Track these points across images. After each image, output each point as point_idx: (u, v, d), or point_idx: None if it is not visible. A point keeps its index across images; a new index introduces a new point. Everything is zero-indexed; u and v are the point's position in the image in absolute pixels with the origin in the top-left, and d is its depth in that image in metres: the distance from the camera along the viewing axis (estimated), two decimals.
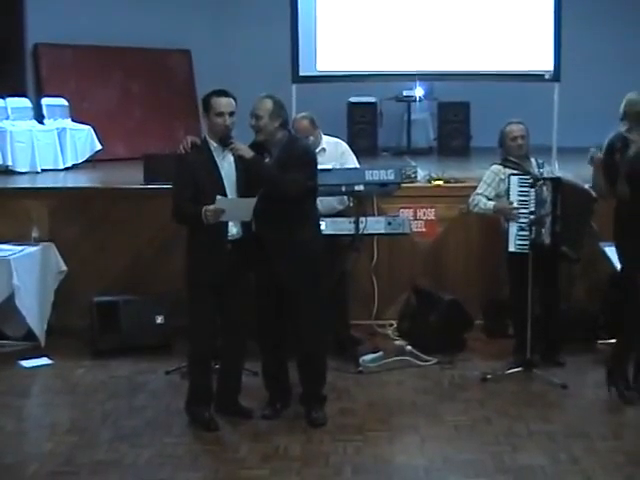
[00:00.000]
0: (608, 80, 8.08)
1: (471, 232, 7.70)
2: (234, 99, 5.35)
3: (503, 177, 6.40)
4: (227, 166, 5.33)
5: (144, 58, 13.06)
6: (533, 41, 10.35)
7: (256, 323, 5.56)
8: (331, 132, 6.98)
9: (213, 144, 5.34)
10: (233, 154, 5.31)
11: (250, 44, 13.06)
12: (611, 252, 6.28)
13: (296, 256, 5.35)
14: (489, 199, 6.44)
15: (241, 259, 5.34)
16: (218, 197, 5.15)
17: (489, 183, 6.50)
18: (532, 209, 6.18)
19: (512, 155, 6.46)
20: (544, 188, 6.19)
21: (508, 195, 6.26)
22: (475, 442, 5.20)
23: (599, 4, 13.00)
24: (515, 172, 6.33)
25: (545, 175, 6.38)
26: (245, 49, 13.13)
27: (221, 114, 5.29)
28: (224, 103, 5.31)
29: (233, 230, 5.32)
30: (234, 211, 5.22)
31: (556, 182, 6.19)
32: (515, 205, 6.19)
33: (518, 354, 6.40)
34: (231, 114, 5.31)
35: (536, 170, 6.43)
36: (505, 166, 6.47)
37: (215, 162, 5.31)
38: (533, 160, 6.54)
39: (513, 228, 6.21)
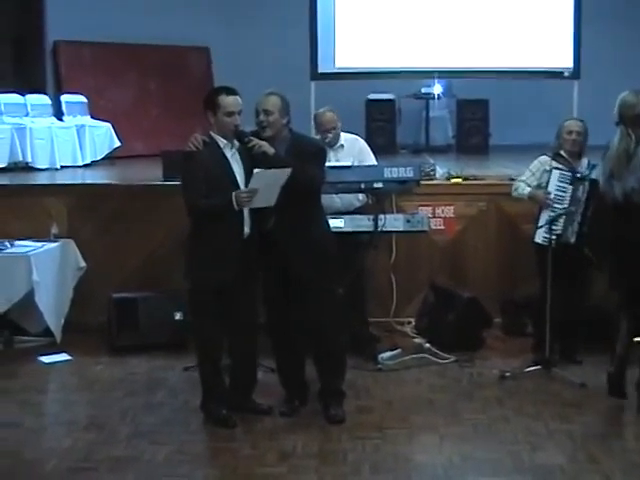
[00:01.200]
0: (628, 77, 8.03)
1: (490, 230, 7.67)
2: (239, 96, 5.28)
3: (548, 168, 6.39)
4: (235, 163, 5.28)
5: (162, 55, 13.09)
6: (553, 38, 10.34)
7: (267, 320, 5.54)
8: (349, 129, 6.96)
9: (222, 141, 5.27)
10: (252, 151, 5.23)
11: (268, 41, 13.06)
12: None
13: (310, 249, 5.33)
14: (530, 187, 6.44)
15: (251, 256, 5.32)
16: (256, 170, 5.09)
17: (533, 172, 6.53)
18: (565, 205, 6.18)
19: (564, 149, 6.43)
20: (581, 188, 6.18)
21: (547, 186, 6.27)
22: (493, 441, 5.17)
23: (619, 3, 12.91)
24: (559, 167, 6.32)
25: (593, 177, 6.29)
26: (263, 46, 13.12)
27: (231, 113, 5.21)
28: (233, 102, 5.23)
29: (245, 229, 5.30)
30: (266, 191, 5.11)
31: (594, 184, 6.13)
32: (551, 196, 6.20)
33: (537, 352, 6.38)
34: (239, 112, 5.24)
35: (584, 170, 6.38)
36: (553, 159, 6.45)
37: (227, 158, 5.27)
38: (585, 160, 6.48)
39: (543, 218, 6.22)
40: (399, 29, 10.21)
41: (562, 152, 6.45)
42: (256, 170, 5.11)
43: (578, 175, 6.27)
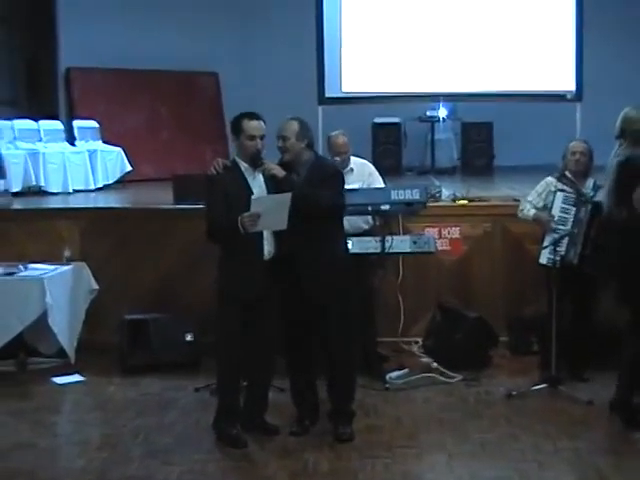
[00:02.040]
0: (629, 99, 8.05)
1: (496, 250, 7.67)
2: (264, 121, 5.35)
3: (554, 189, 6.40)
4: (258, 187, 5.33)
5: (173, 81, 13.17)
6: (555, 62, 10.36)
7: (285, 340, 5.55)
8: (356, 152, 6.99)
9: (243, 165, 5.33)
10: (264, 174, 5.31)
11: (277, 67, 13.11)
12: None
13: (326, 272, 5.34)
14: (536, 208, 6.45)
15: (273, 277, 5.34)
16: (253, 197, 5.14)
17: (539, 192, 6.55)
18: (568, 227, 6.19)
19: (569, 169, 6.44)
20: (583, 209, 6.19)
21: (551, 208, 6.27)
22: (502, 459, 5.14)
23: (620, 26, 12.95)
24: (564, 188, 6.32)
25: (597, 198, 6.28)
26: (272, 72, 13.16)
27: (253, 137, 5.28)
28: (256, 126, 5.30)
29: (266, 249, 5.31)
30: (270, 215, 5.13)
31: (596, 206, 6.13)
32: (554, 220, 6.20)
33: (544, 370, 6.36)
34: (262, 137, 5.31)
35: (590, 191, 6.38)
36: (558, 180, 6.46)
37: (247, 182, 5.31)
38: (591, 180, 6.48)
39: (547, 240, 6.22)
40: (404, 54, 10.25)
41: (567, 173, 6.46)
42: (253, 196, 5.16)
43: (582, 197, 6.27)
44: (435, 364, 6.82)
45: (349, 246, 5.96)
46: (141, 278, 7.66)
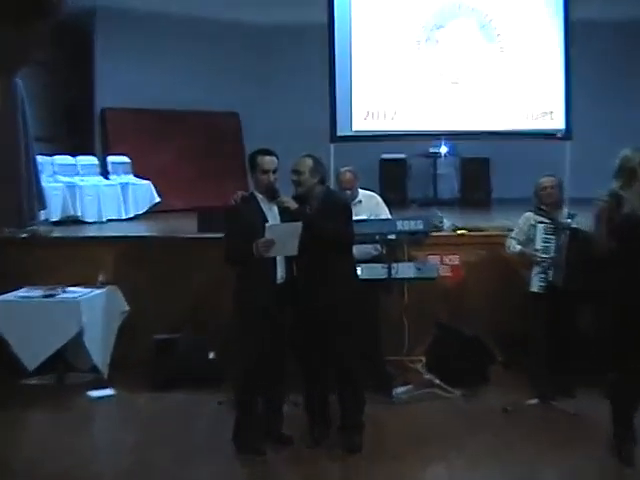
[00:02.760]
0: (613, 136, 8.10)
1: (491, 275, 7.65)
2: (276, 157, 5.45)
3: (533, 223, 6.43)
4: (272, 217, 5.42)
5: (198, 120, 13.23)
6: (546, 102, 10.40)
7: (298, 357, 5.57)
8: (365, 185, 7.05)
9: (260, 197, 5.44)
10: (279, 205, 5.40)
11: (292, 107, 13.16)
12: None
13: (336, 295, 5.40)
14: (520, 242, 6.47)
15: (285, 300, 5.38)
16: (267, 225, 5.22)
17: (521, 227, 6.59)
18: (552, 255, 6.20)
19: (543, 203, 6.48)
20: (562, 236, 6.21)
21: (534, 239, 6.29)
22: (499, 470, 5.14)
23: (605, 72, 13.04)
24: (543, 220, 6.35)
25: (573, 225, 6.31)
26: (288, 111, 13.22)
27: (266, 171, 5.40)
28: (268, 161, 5.42)
29: (279, 274, 5.37)
30: (282, 241, 5.22)
31: (573, 231, 6.16)
32: (539, 250, 6.23)
33: (534, 387, 6.36)
34: (274, 171, 5.42)
35: (565, 219, 6.41)
36: (536, 213, 6.50)
37: (263, 213, 5.40)
38: (565, 210, 6.53)
39: (535, 270, 6.24)
40: (409, 96, 10.32)
41: (542, 206, 6.50)
42: (268, 223, 5.22)
43: (560, 226, 6.29)
44: (437, 380, 6.82)
45: (358, 272, 5.99)
46: (168, 301, 7.67)
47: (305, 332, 5.49)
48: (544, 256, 6.23)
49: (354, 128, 10.24)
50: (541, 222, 6.35)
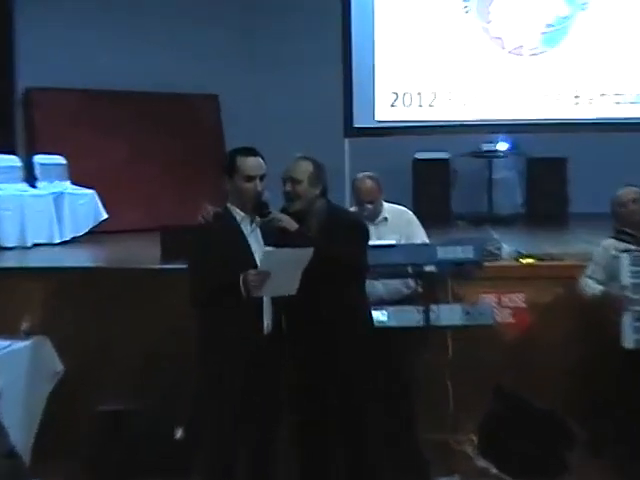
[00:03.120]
0: None
1: (570, 323, 7.64)
2: (262, 158, 5.39)
3: (615, 253, 6.42)
4: (255, 241, 5.36)
5: (162, 105, 13.35)
6: None
7: (292, 445, 5.56)
8: (392, 198, 7.04)
9: (239, 213, 5.37)
10: (268, 225, 5.33)
11: (291, 88, 13.25)
12: None
13: (344, 352, 5.38)
14: (600, 281, 6.45)
15: (271, 362, 5.35)
16: (266, 248, 5.16)
17: (598, 262, 6.60)
18: None
19: (626, 225, 6.48)
20: None
21: (619, 276, 6.26)
22: None
23: None
24: (628, 247, 6.34)
25: None
26: (283, 94, 13.31)
27: (250, 178, 5.31)
28: (253, 165, 5.34)
29: (265, 322, 5.32)
30: (281, 275, 5.14)
31: None
32: (627, 289, 6.19)
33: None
34: (262, 177, 5.34)
35: None
36: (617, 239, 6.48)
37: (243, 235, 5.34)
38: None
39: (627, 319, 6.21)
40: (454, 73, 10.34)
41: (626, 229, 6.49)
42: (267, 248, 5.16)
43: None
44: (494, 470, 6.79)
45: (384, 318, 6.02)
46: (118, 358, 7.68)
47: (299, 408, 5.49)
48: (636, 297, 6.21)
49: (377, 117, 10.31)
50: (626, 250, 6.33)
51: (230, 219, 5.37)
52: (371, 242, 6.20)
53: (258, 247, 5.34)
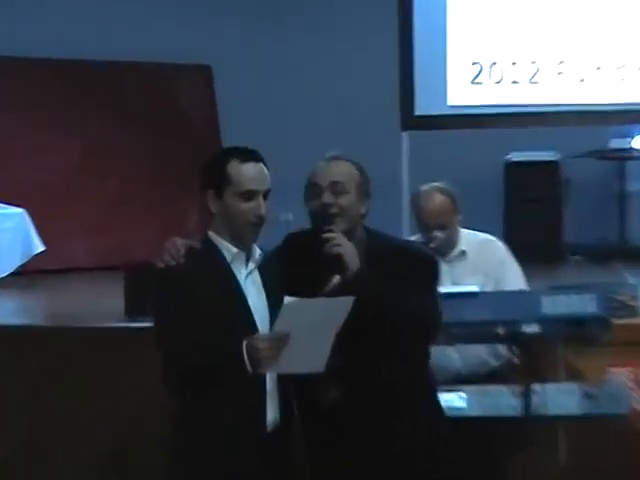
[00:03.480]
0: None
1: None
2: (265, 165, 5.19)
3: None
4: (253, 286, 5.24)
5: (131, 79, 13.46)
6: None
7: None
8: (475, 219, 7.04)
9: (230, 248, 5.20)
10: (270, 265, 5.25)
11: (318, 58, 13.26)
12: None
13: (405, 449, 5.38)
14: None
15: (280, 463, 5.36)
16: (287, 299, 4.93)
17: None
18: None
19: None
20: None
21: None
22: None
23: None
24: None
25: None
26: (305, 68, 13.35)
27: (250, 194, 5.14)
28: (254, 175, 5.14)
29: (270, 414, 5.25)
30: (304, 341, 4.94)
31: None
32: None
33: None
34: (265, 194, 5.15)
35: None
36: None
37: (236, 280, 5.19)
38: None
39: None
40: (566, 34, 10.41)
41: None
42: (288, 298, 4.97)
43: None
44: None
45: (461, 403, 6.04)
46: (69, 448, 7.78)
47: None
48: None
49: (451, 101, 10.38)
50: None
51: (214, 256, 5.19)
52: (442, 288, 6.21)
53: (256, 293, 5.21)
